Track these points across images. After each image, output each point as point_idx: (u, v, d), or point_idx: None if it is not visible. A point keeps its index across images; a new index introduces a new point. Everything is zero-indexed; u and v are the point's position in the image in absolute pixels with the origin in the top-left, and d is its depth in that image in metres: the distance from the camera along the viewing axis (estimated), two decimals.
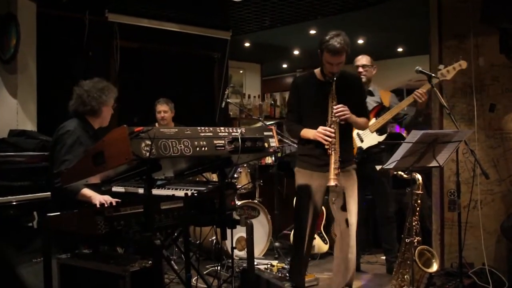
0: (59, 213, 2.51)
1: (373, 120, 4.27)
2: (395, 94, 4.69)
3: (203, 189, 3.30)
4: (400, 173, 3.37)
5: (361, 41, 7.36)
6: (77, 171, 2.38)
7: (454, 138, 3.32)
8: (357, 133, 4.27)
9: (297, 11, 5.90)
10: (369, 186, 4.45)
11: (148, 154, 2.15)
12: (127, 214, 2.39)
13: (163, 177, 3.22)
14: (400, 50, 7.91)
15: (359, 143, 4.28)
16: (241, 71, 8.80)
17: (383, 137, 4.28)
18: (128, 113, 5.38)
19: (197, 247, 4.58)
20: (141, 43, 6.08)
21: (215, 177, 4.49)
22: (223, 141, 2.49)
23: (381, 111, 4.32)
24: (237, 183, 4.87)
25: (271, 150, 2.73)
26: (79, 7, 5.33)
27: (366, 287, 4.18)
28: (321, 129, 3.35)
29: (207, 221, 2.89)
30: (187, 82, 6.54)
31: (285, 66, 9.60)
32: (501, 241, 4.14)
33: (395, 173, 3.42)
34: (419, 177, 3.33)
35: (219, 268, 3.87)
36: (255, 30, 6.79)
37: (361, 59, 4.49)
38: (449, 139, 3.31)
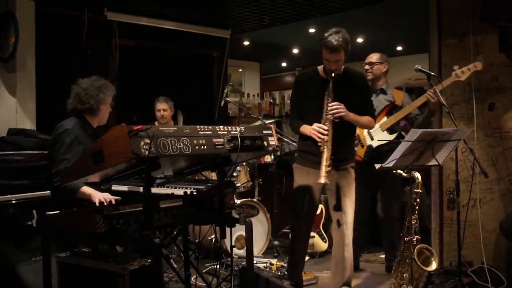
0: (59, 212, 2.51)
1: (384, 118, 4.23)
2: None
3: (202, 187, 3.29)
4: (399, 171, 3.37)
5: (360, 40, 7.35)
6: (76, 170, 2.38)
7: (453, 136, 3.32)
8: (368, 131, 4.22)
9: (296, 10, 5.89)
10: (376, 184, 4.41)
11: (147, 152, 2.15)
12: (127, 212, 2.39)
13: (162, 176, 3.22)
14: (399, 48, 7.90)
15: (369, 141, 4.24)
16: (240, 70, 8.79)
17: (393, 136, 4.21)
18: (127, 112, 5.38)
19: (196, 245, 4.58)
20: (140, 42, 6.07)
21: (214, 176, 4.49)
22: (222, 140, 2.49)
23: (393, 110, 4.26)
24: (236, 182, 4.87)
25: (270, 148, 2.73)
26: (78, 5, 5.32)
27: (365, 285, 4.18)
28: (315, 125, 3.36)
29: (206, 220, 2.89)
30: (186, 80, 6.54)
31: (284, 64, 9.60)
32: (500, 240, 4.14)
33: (394, 171, 3.42)
34: (418, 175, 3.33)
35: (218, 266, 3.87)
36: (254, 28, 6.79)
37: (369, 57, 4.42)
38: (448, 138, 3.31)
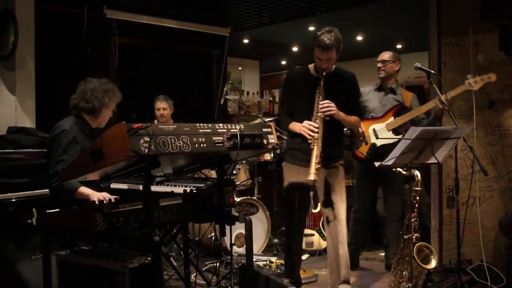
0: (58, 210, 2.51)
1: (391, 118, 4.22)
2: None
3: (202, 185, 3.28)
4: (399, 169, 3.37)
5: (360, 38, 7.35)
6: (76, 168, 2.38)
7: (453, 134, 3.32)
8: (373, 128, 4.22)
9: (296, 8, 5.89)
10: (377, 182, 4.41)
11: (147, 150, 2.15)
12: (126, 210, 2.39)
13: (162, 174, 3.22)
14: (399, 46, 7.89)
15: (373, 139, 4.23)
16: (240, 68, 8.78)
17: (398, 137, 4.15)
18: (126, 110, 5.37)
19: (196, 243, 4.58)
20: (139, 40, 6.07)
21: (214, 174, 4.49)
22: (222, 138, 2.49)
23: (401, 110, 4.24)
24: (236, 180, 4.87)
25: (270, 146, 2.73)
26: (77, 3, 5.32)
27: (364, 283, 4.19)
28: (305, 123, 3.37)
29: (206, 218, 2.89)
30: (185, 78, 6.54)
31: (284, 62, 9.59)
32: (500, 238, 4.14)
33: (394, 170, 3.42)
34: (418, 173, 3.33)
35: (218, 264, 3.86)
36: (254, 26, 6.78)
37: (382, 55, 4.38)
38: (448, 136, 3.31)
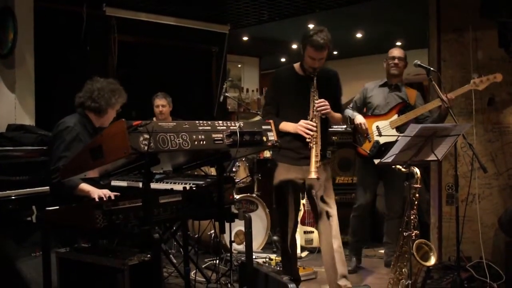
0: (58, 207, 2.52)
1: (395, 116, 4.20)
2: None
3: (201, 183, 3.29)
4: (398, 167, 3.37)
5: (359, 35, 7.35)
6: (75, 165, 2.38)
7: (452, 132, 3.32)
8: (377, 126, 4.21)
9: (295, 5, 5.89)
10: (378, 179, 4.39)
11: (146, 148, 2.15)
12: (126, 208, 2.40)
13: (161, 171, 3.22)
14: (398, 44, 7.88)
15: (376, 137, 4.23)
16: (239, 65, 8.79)
17: (402, 135, 4.17)
18: (126, 107, 5.36)
19: (196, 240, 4.59)
20: (139, 37, 6.07)
21: (213, 171, 4.49)
22: (221, 135, 2.49)
23: (405, 108, 4.21)
24: (235, 177, 4.87)
25: (269, 144, 2.73)
26: (76, 0, 5.31)
27: (364, 280, 4.20)
28: (303, 122, 3.36)
29: (205, 215, 2.90)
30: (185, 76, 6.54)
31: (283, 60, 9.58)
32: (499, 235, 4.15)
33: (393, 167, 3.42)
34: (417, 171, 3.33)
35: (217, 261, 3.87)
36: (253, 24, 6.78)
37: (397, 52, 4.30)
38: (448, 133, 3.31)
